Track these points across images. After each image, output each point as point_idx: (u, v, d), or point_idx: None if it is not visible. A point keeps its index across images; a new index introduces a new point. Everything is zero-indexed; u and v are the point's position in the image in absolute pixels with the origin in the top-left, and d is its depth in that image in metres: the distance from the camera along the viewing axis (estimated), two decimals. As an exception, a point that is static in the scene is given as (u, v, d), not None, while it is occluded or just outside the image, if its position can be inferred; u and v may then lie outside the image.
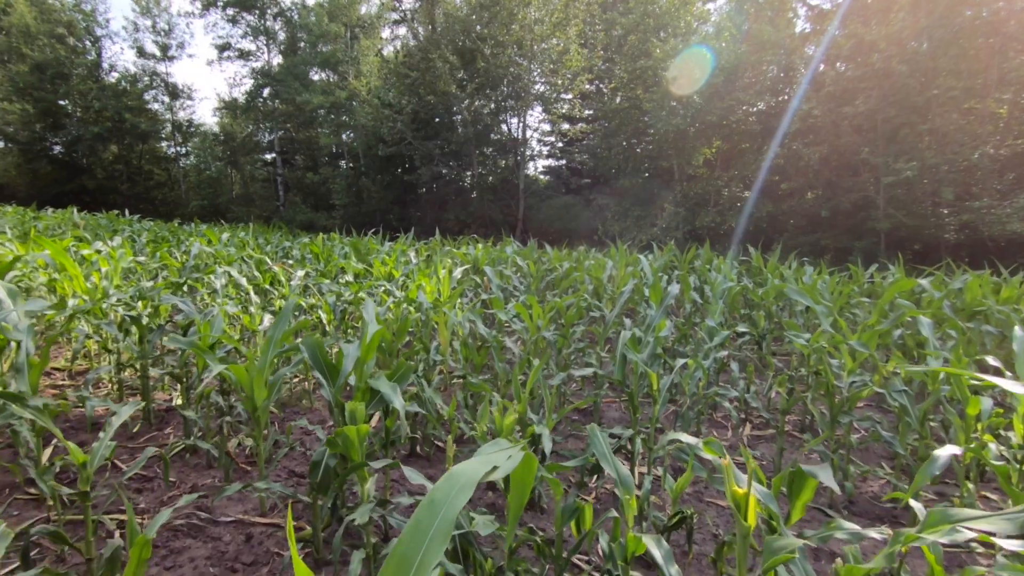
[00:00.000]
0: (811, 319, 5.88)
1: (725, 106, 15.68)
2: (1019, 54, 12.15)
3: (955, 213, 12.25)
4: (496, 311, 4.74)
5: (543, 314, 4.40)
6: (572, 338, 4.43)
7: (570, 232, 20.38)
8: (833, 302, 5.87)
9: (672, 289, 4.07)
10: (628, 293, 4.49)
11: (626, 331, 3.12)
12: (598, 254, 9.30)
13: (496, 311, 4.74)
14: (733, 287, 6.12)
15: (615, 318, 4.61)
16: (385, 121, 17.82)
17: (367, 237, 12.04)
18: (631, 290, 4.49)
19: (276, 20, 27.65)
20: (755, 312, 6.39)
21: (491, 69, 17.17)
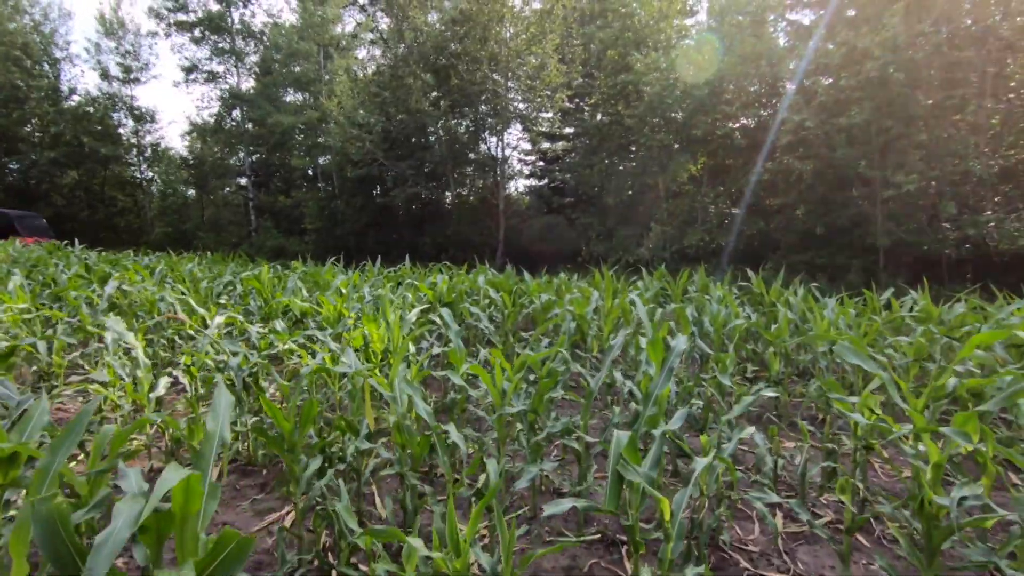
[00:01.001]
0: (833, 359, 4.97)
1: (710, 120, 15.03)
2: (1013, 64, 11.65)
3: (958, 228, 11.58)
4: (453, 368, 3.74)
5: (511, 373, 3.41)
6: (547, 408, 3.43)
7: (553, 253, 19.51)
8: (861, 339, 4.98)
9: (677, 345, 3.11)
10: (618, 347, 3.51)
11: (620, 433, 2.13)
12: (581, 282, 8.34)
13: (453, 368, 3.74)
14: (740, 325, 5.18)
15: (603, 376, 3.63)
16: (353, 141, 16.90)
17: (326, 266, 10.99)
18: (621, 343, 3.51)
19: (247, 41, 26.81)
20: (765, 351, 5.48)
21: (465, 86, 16.39)
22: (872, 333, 4.75)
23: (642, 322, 5.24)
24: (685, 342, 4.00)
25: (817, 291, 8.30)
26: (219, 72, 27.21)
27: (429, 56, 17.05)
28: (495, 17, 15.21)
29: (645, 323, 4.20)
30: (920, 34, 10.44)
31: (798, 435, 4.57)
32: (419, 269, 10.98)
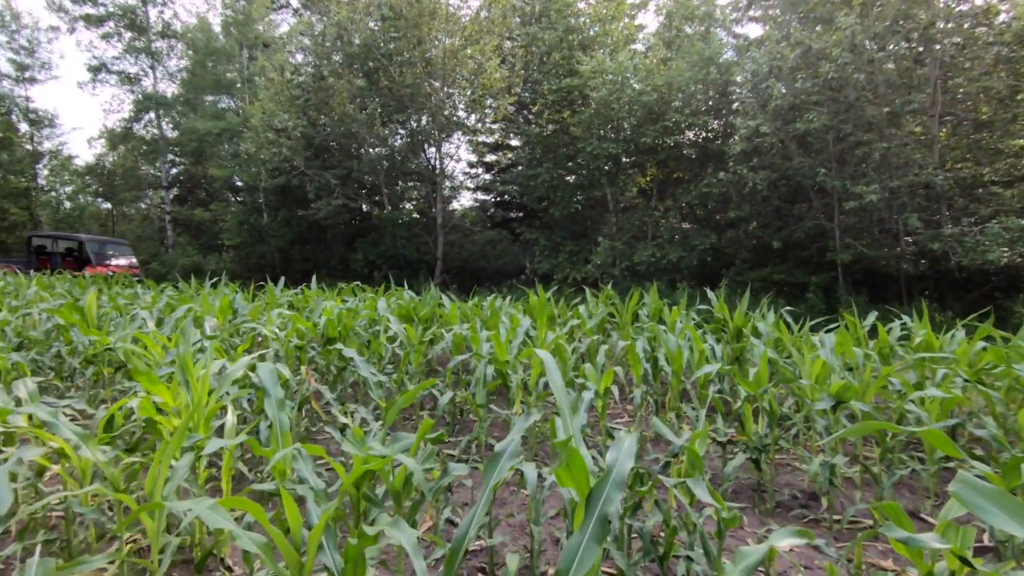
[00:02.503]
0: (837, 418, 3.66)
1: (659, 128, 14.06)
2: (966, 72, 11.14)
3: (920, 242, 10.86)
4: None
5: (347, 484, 1.87)
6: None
7: (496, 270, 18.08)
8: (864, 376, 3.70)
9: (622, 450, 1.65)
10: (531, 420, 2.03)
11: None
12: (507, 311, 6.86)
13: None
14: (709, 373, 3.80)
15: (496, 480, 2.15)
16: (268, 146, 15.04)
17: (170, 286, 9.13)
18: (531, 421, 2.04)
19: (166, 40, 24.46)
20: (736, 399, 4.15)
21: (397, 89, 14.86)
22: (882, 379, 3.49)
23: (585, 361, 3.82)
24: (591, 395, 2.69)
25: (775, 310, 7.15)
26: (132, 73, 24.69)
27: (357, 56, 15.46)
28: (426, 13, 13.81)
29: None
30: (876, 34, 9.71)
31: (786, 518, 3.24)
32: (328, 290, 9.26)
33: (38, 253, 17.96)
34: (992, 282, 11.09)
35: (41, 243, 18.32)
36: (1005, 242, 9.21)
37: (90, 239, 17.63)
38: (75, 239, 17.61)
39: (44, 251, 17.99)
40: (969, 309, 10.74)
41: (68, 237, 18.07)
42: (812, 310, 11.73)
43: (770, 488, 3.55)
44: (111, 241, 18.59)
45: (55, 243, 17.81)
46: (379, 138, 15.56)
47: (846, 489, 3.93)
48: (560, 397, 1.81)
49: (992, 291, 10.99)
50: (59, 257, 17.44)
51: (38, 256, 17.82)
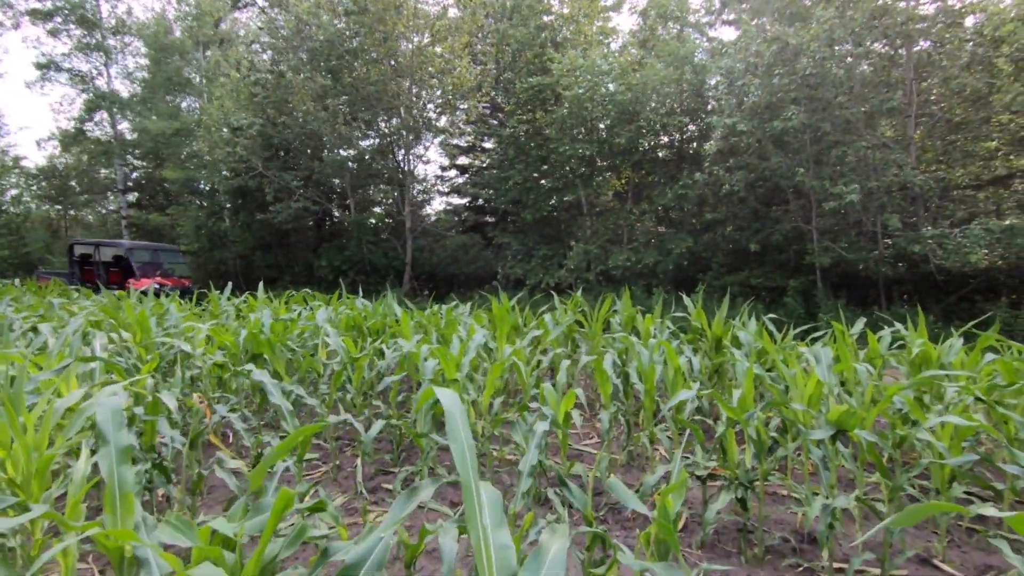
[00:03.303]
0: (836, 448, 3.11)
1: (634, 128, 13.61)
2: (942, 71, 10.92)
3: (898, 244, 10.56)
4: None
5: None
6: None
7: (468, 276, 17.44)
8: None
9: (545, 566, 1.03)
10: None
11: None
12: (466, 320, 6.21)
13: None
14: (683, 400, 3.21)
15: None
16: (221, 145, 14.17)
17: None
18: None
19: (119, 37, 23.30)
20: (717, 423, 3.58)
21: (361, 86, 14.15)
22: (887, 400, 2.95)
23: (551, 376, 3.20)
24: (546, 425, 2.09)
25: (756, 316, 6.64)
26: (84, 72, 23.46)
27: (320, 52, 14.71)
28: (391, 7, 13.16)
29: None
30: (853, 30, 9.39)
31: (777, 568, 2.68)
32: (276, 298, 8.50)
33: (82, 263, 15.66)
34: (971, 285, 10.86)
35: (85, 251, 15.85)
36: (986, 244, 8.93)
37: (135, 247, 15.20)
38: (120, 246, 15.28)
39: (88, 260, 15.72)
40: (949, 312, 10.46)
41: (113, 244, 15.68)
42: (791, 315, 11.35)
43: (758, 530, 2.98)
44: (159, 248, 15.91)
45: (99, 251, 15.39)
46: (343, 138, 14.81)
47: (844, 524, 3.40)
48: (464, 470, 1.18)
49: (971, 294, 10.75)
50: (104, 267, 15.26)
51: (82, 267, 15.58)
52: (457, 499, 3.54)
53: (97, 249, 15.42)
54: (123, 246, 15.10)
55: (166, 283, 13.47)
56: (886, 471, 2.75)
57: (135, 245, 15.49)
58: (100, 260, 15.28)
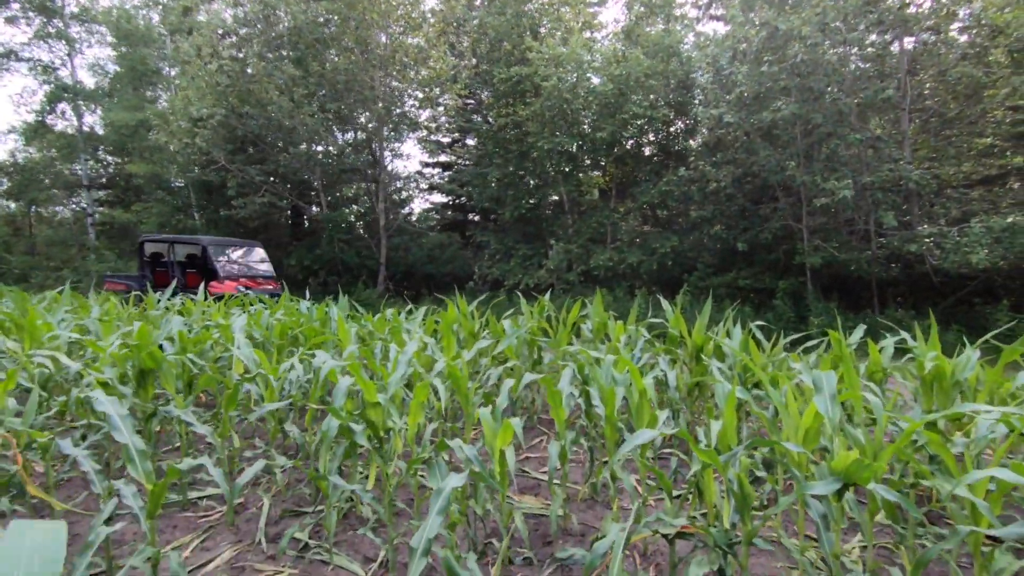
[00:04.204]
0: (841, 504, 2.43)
1: (616, 122, 12.95)
2: (938, 59, 10.37)
3: (892, 243, 9.98)
4: None
5: None
6: None
7: (445, 276, 16.70)
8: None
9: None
10: None
11: None
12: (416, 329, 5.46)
13: None
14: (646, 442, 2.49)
15: None
16: (180, 136, 13.32)
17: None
18: None
19: (85, 26, 22.28)
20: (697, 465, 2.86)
21: (329, 75, 13.36)
22: (905, 438, 2.28)
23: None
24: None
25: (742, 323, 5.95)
26: (47, 62, 22.39)
27: (287, 40, 13.90)
28: (359, -10, 12.39)
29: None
30: (847, 14, 8.78)
31: None
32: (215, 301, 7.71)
33: (153, 264, 13.45)
34: (968, 287, 10.31)
35: (156, 250, 13.56)
36: (987, 243, 8.36)
37: (215, 243, 12.88)
38: (196, 242, 13.02)
39: (160, 260, 13.57)
40: (947, 316, 9.90)
41: (188, 240, 13.37)
42: (780, 318, 10.75)
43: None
44: (241, 244, 13.59)
45: (173, 249, 13.12)
46: (311, 130, 14.01)
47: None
48: None
49: (969, 296, 10.20)
50: (180, 268, 13.14)
51: (153, 268, 13.39)
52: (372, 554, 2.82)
53: (171, 247, 13.09)
54: (201, 242, 12.64)
55: (253, 286, 11.54)
56: (913, 531, 2.08)
57: (216, 241, 13.06)
58: (175, 260, 13.09)
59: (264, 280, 12.56)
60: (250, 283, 11.89)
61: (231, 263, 12.37)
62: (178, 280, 12.13)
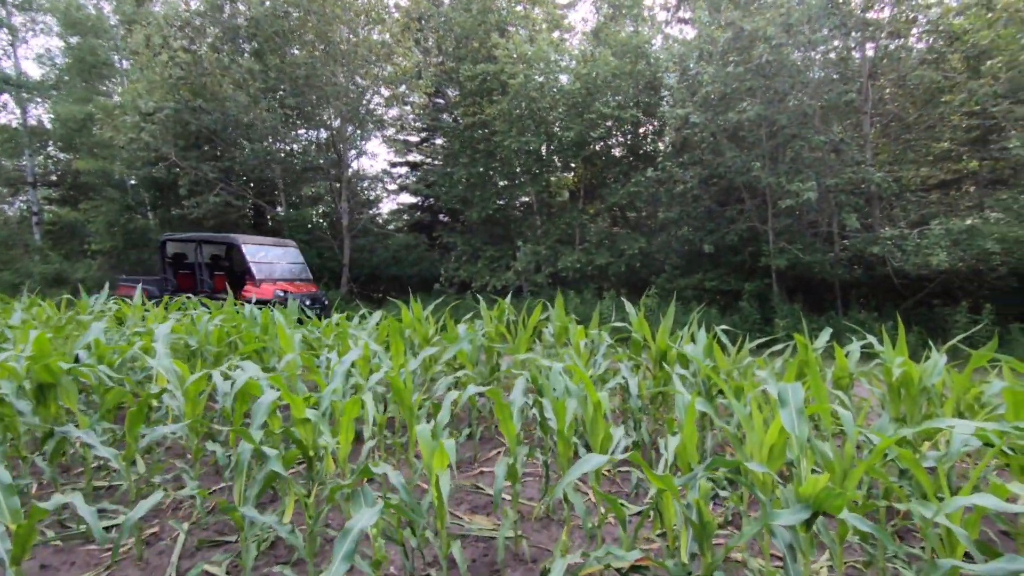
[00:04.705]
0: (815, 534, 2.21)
1: (584, 121, 12.78)
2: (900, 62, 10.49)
3: (855, 245, 10.03)
4: None
5: None
6: None
7: (412, 278, 16.28)
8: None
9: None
10: None
11: None
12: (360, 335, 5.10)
13: None
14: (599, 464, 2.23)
15: None
16: (125, 130, 12.60)
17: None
18: None
19: (21, 13, 21.10)
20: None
21: (289, 70, 12.84)
22: (876, 455, 2.07)
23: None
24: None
25: (711, 324, 5.78)
26: (-15, 50, 21.10)
27: (244, 31, 13.32)
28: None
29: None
30: (811, 16, 8.77)
31: None
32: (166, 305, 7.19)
33: (176, 265, 12.04)
34: (927, 288, 10.45)
35: (179, 250, 12.17)
36: (947, 245, 8.44)
37: (250, 242, 11.31)
38: (227, 241, 11.52)
39: (185, 262, 12.18)
40: (908, 317, 9.99)
41: (216, 239, 11.87)
42: (746, 321, 10.71)
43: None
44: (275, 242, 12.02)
45: (200, 249, 11.55)
46: (270, 127, 13.44)
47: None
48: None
49: (929, 298, 10.33)
50: (207, 270, 11.72)
51: (176, 270, 11.98)
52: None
53: (198, 247, 11.51)
54: (234, 240, 11.16)
55: (292, 290, 10.32)
56: (884, 551, 1.86)
57: (249, 239, 11.58)
58: (202, 261, 11.63)
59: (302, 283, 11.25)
60: (288, 286, 10.59)
61: (266, 263, 10.97)
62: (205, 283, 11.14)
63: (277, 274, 10.95)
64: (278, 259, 11.44)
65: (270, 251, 11.44)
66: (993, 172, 11.50)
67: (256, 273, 10.43)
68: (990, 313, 8.71)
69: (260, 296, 9.60)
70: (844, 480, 2.18)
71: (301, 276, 11.52)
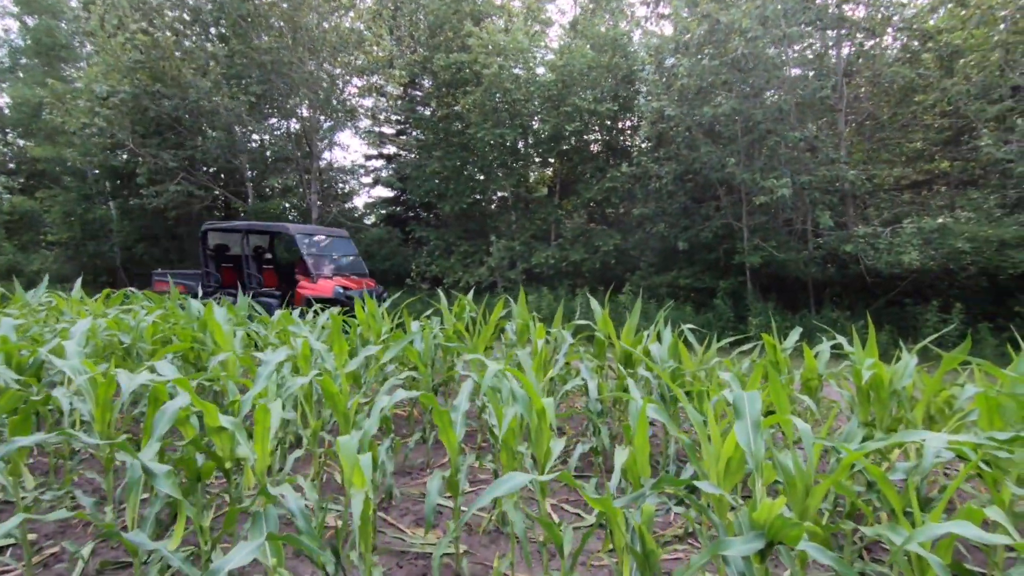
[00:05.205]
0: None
1: (560, 114, 12.53)
2: (875, 59, 10.45)
3: (828, 244, 9.97)
4: None
5: None
6: None
7: (385, 273, 15.88)
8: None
9: None
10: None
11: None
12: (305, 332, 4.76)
13: None
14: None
15: None
16: (77, 115, 11.98)
17: None
18: None
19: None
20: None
21: (252, 55, 12.34)
22: (842, 471, 1.85)
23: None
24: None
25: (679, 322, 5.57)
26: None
27: (208, 14, 12.76)
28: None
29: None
30: (787, 11, 8.64)
31: None
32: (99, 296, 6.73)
33: (218, 258, 10.46)
34: (899, 287, 10.45)
35: (222, 241, 10.64)
36: (918, 244, 8.40)
37: (303, 232, 9.88)
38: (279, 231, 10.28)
39: (227, 254, 10.65)
40: (879, 316, 9.97)
41: (266, 228, 10.49)
42: (720, 318, 10.60)
43: None
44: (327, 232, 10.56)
45: (246, 240, 9.93)
46: (234, 115, 12.90)
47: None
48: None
49: (900, 297, 10.32)
50: (255, 264, 10.12)
51: (218, 263, 10.39)
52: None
53: (245, 237, 9.90)
54: (286, 230, 9.69)
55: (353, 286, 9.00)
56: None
57: (303, 229, 10.06)
58: (249, 253, 10.01)
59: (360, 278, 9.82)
60: (349, 282, 9.20)
61: (321, 256, 9.62)
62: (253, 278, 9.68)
63: (333, 267, 9.62)
64: (332, 250, 10.08)
65: (323, 241, 10.13)
66: (964, 172, 11.55)
67: (312, 268, 9.04)
68: (960, 312, 8.70)
69: (318, 293, 8.44)
70: (806, 498, 1.96)
71: (356, 269, 10.21)
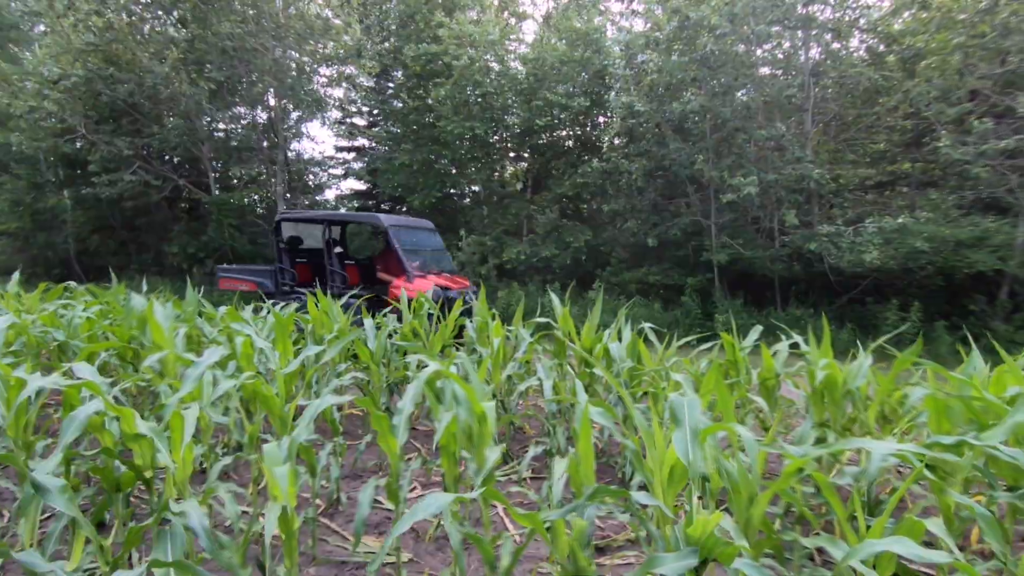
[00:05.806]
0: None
1: (532, 109, 12.40)
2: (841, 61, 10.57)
3: (793, 242, 10.08)
4: None
5: None
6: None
7: (353, 268, 15.57)
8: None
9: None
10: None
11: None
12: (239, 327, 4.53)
13: None
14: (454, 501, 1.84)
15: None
16: (25, 98, 11.36)
17: None
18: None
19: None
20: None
21: (211, 39, 11.87)
22: (787, 478, 1.76)
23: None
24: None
25: (648, 319, 5.51)
26: None
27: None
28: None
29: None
30: (756, 8, 8.65)
31: None
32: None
33: (292, 252, 8.88)
34: (860, 286, 10.65)
35: (298, 233, 9.10)
36: (879, 244, 8.53)
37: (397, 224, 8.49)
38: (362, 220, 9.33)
39: (300, 248, 9.05)
40: (842, 314, 10.14)
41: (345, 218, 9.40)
42: (688, 315, 10.64)
43: None
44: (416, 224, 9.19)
45: (328, 232, 8.44)
46: (194, 102, 12.41)
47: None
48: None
49: (862, 295, 10.51)
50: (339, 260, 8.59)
51: (293, 258, 8.85)
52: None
53: (327, 229, 8.40)
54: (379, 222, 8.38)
55: (451, 285, 7.76)
56: None
57: (396, 221, 8.62)
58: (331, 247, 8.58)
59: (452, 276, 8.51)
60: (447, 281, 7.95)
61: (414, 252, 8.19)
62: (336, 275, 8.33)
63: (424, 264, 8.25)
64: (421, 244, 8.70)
65: (413, 234, 8.72)
66: (925, 173, 11.82)
67: (407, 266, 7.72)
68: (918, 311, 8.88)
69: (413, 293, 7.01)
70: (751, 506, 1.88)
71: (446, 266, 8.89)
